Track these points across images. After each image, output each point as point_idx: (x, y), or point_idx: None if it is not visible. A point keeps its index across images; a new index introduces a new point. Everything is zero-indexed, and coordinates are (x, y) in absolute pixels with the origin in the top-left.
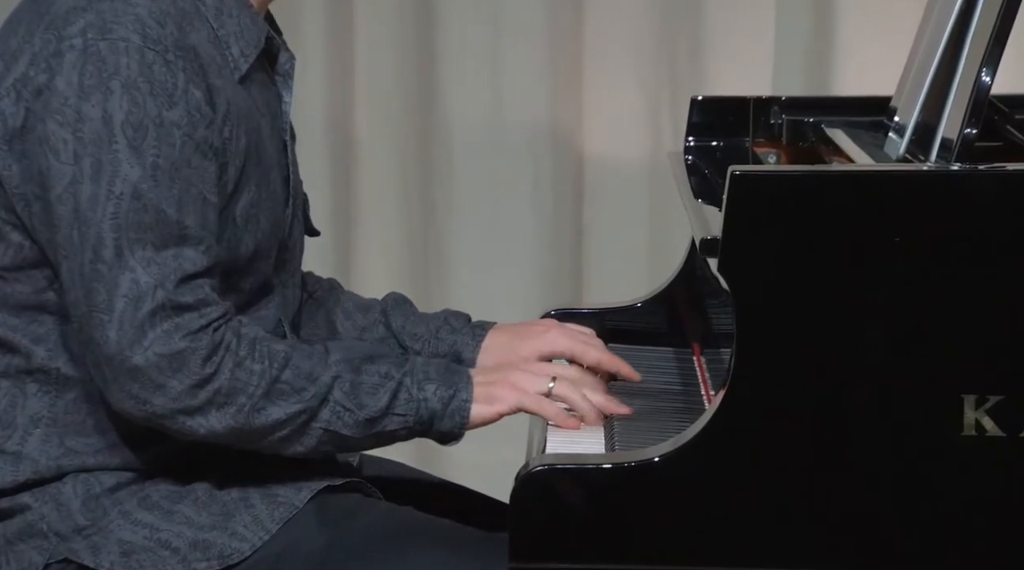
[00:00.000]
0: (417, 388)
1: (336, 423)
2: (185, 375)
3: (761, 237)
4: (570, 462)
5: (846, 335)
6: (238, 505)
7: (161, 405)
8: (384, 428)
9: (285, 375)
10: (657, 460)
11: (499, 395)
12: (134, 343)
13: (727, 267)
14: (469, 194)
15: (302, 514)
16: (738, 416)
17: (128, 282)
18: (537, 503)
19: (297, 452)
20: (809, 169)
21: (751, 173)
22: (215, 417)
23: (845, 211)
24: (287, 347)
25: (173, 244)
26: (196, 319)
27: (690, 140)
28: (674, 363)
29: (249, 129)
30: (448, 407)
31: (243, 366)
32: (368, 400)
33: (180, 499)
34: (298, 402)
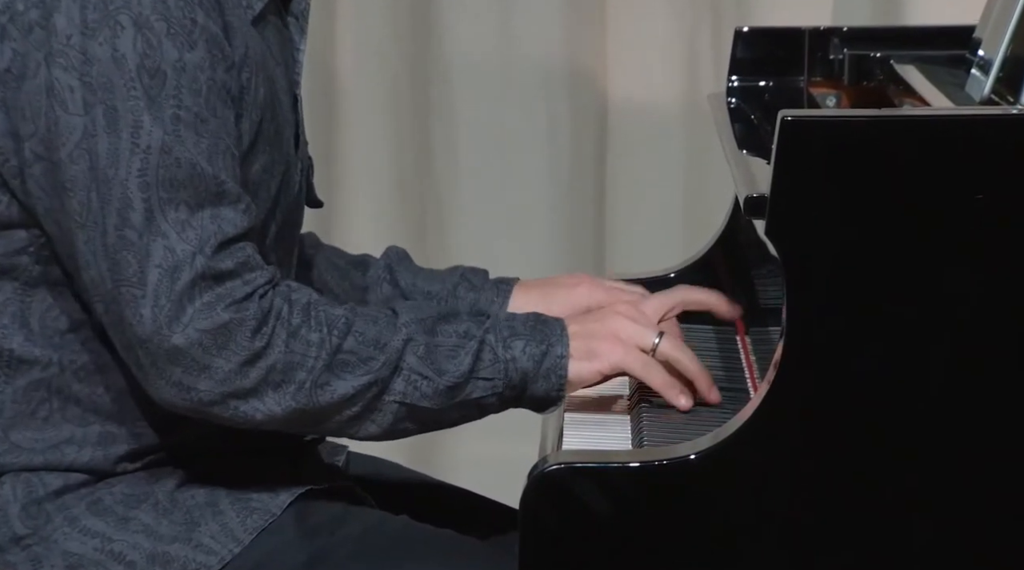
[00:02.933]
0: (503, 346)
1: (413, 394)
2: (233, 352)
3: (817, 195)
4: (591, 460)
5: (917, 312)
6: (204, 512)
7: (208, 390)
8: (469, 396)
9: (348, 343)
10: (693, 458)
11: (600, 349)
12: (173, 320)
13: (777, 230)
14: (473, 146)
15: (279, 523)
16: (789, 406)
17: (161, 250)
18: (552, 508)
19: (371, 433)
20: (875, 114)
21: (806, 119)
22: (272, 398)
23: (918, 164)
24: (347, 311)
25: (209, 204)
26: (240, 286)
27: (733, 80)
28: (714, 344)
29: (266, 79)
30: (542, 366)
31: (298, 336)
32: (447, 364)
33: (137, 504)
34: (366, 373)
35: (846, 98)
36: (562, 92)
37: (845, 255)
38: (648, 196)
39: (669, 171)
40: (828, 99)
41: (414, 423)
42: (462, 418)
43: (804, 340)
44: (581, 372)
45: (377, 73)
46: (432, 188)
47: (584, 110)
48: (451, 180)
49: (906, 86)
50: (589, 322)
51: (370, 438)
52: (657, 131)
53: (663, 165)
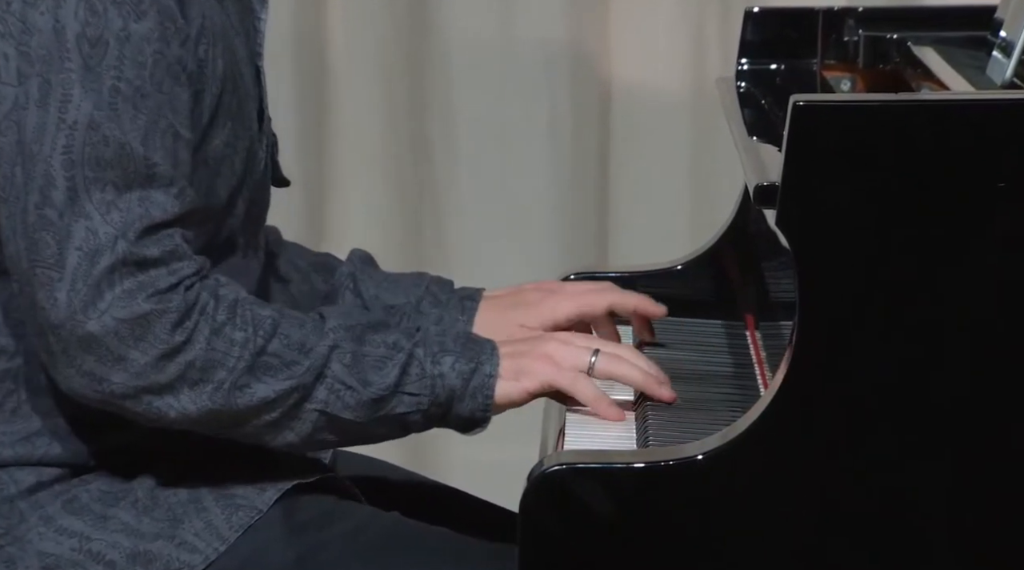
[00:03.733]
0: (432, 361)
1: (335, 404)
2: (150, 344)
3: (831, 183)
4: (594, 461)
5: (936, 306)
6: (187, 509)
7: (122, 383)
8: (393, 410)
9: (273, 345)
10: (701, 459)
11: (530, 368)
12: (88, 306)
13: (788, 220)
14: (470, 132)
15: (266, 520)
16: (801, 404)
17: (83, 231)
18: (553, 511)
19: (288, 442)
20: (891, 98)
21: (819, 103)
22: (188, 396)
23: (937, 151)
24: (274, 312)
25: (138, 185)
26: (164, 276)
27: (743, 63)
28: (723, 339)
29: (226, 50)
30: (469, 384)
31: (222, 334)
32: (373, 376)
33: (116, 501)
34: (288, 378)
35: (861, 82)
36: (563, 77)
37: (860, 246)
38: (653, 185)
39: (675, 159)
40: (842, 83)
41: (334, 434)
42: (384, 434)
43: (817, 335)
44: (509, 392)
45: (370, 59)
46: (428, 179)
47: (587, 96)
48: (448, 171)
49: (924, 69)
50: (521, 343)
51: (286, 447)
52: (663, 117)
53: (669, 153)
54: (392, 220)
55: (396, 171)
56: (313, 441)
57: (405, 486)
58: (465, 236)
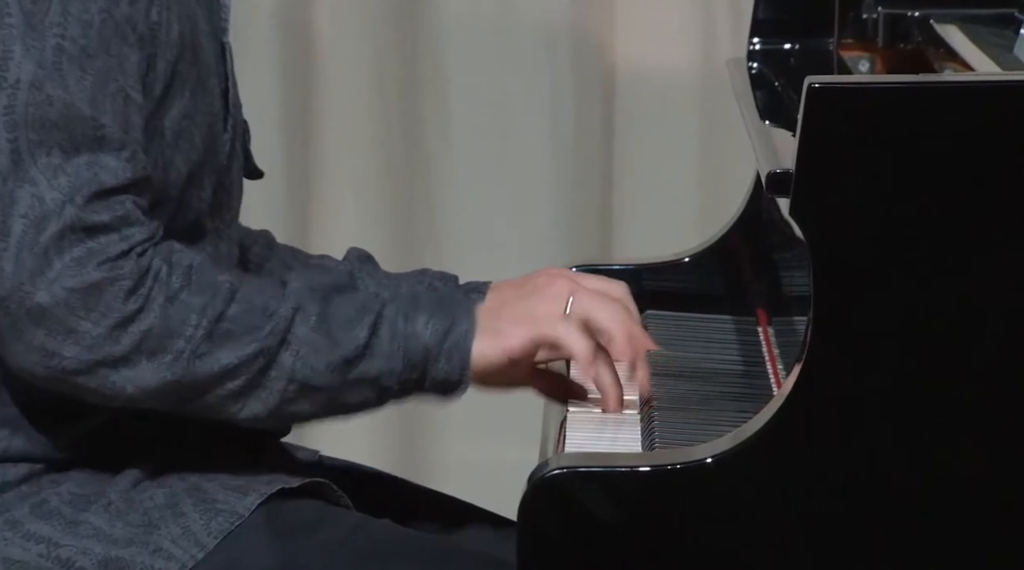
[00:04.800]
0: (404, 320)
1: (302, 369)
2: (103, 314)
3: (848, 170)
4: (597, 464)
5: (959, 299)
6: (164, 513)
7: (74, 356)
8: (365, 374)
9: (232, 310)
10: (710, 462)
11: (506, 327)
12: (36, 276)
13: (803, 209)
14: (467, 117)
15: (248, 526)
16: (816, 404)
17: (28, 198)
18: (554, 517)
19: (255, 414)
20: (912, 80)
21: (835, 86)
22: (147, 368)
23: (960, 136)
24: (233, 276)
25: (86, 149)
26: (115, 242)
27: (755, 43)
28: (732, 336)
29: (183, 16)
30: (444, 342)
31: (177, 300)
32: (341, 336)
33: (87, 505)
34: (251, 342)
35: (880, 62)
36: (565, 59)
37: (879, 237)
38: (660, 173)
39: (683, 145)
40: (860, 63)
41: (305, 403)
42: (360, 403)
43: (833, 331)
44: (486, 351)
45: (359, 39)
46: (421, 168)
47: (590, 79)
48: (442, 158)
49: (947, 49)
50: (500, 302)
51: (254, 420)
52: (670, 101)
53: (677, 139)
54: (382, 211)
55: (386, 160)
56: (283, 413)
57: (396, 492)
58: (461, 227)
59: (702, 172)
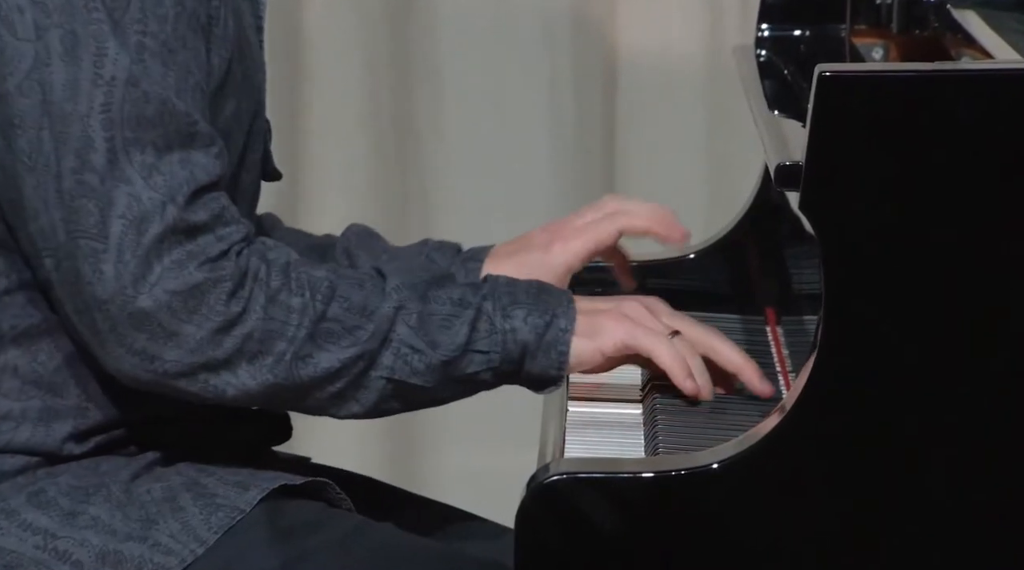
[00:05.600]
0: (502, 316)
1: (403, 369)
2: (205, 317)
3: (860, 163)
4: (598, 470)
5: (975, 296)
6: (163, 508)
7: (176, 360)
8: (463, 371)
9: (333, 310)
10: (716, 468)
11: (605, 327)
12: (138, 279)
13: (814, 203)
14: (462, 104)
15: (248, 522)
16: (827, 407)
17: (125, 197)
18: (554, 524)
19: (353, 412)
20: (928, 68)
21: (847, 74)
22: (247, 371)
23: (978, 127)
24: (330, 272)
25: (180, 146)
26: (214, 242)
27: (764, 28)
28: (740, 335)
29: (235, 11)
30: (543, 339)
31: (278, 301)
32: (441, 336)
33: (87, 497)
34: (353, 344)
35: (895, 50)
36: (564, 46)
37: (893, 232)
38: (664, 166)
39: (688, 137)
40: (874, 51)
41: (400, 402)
42: (452, 396)
43: (845, 331)
44: (582, 351)
45: (349, 27)
46: (414, 158)
47: (590, 67)
48: (436, 148)
49: (965, 35)
50: (599, 300)
51: (351, 417)
52: (674, 90)
53: (681, 130)
54: (372, 206)
55: (376, 152)
56: (378, 410)
57: (391, 501)
58: (455, 223)
59: (707, 165)
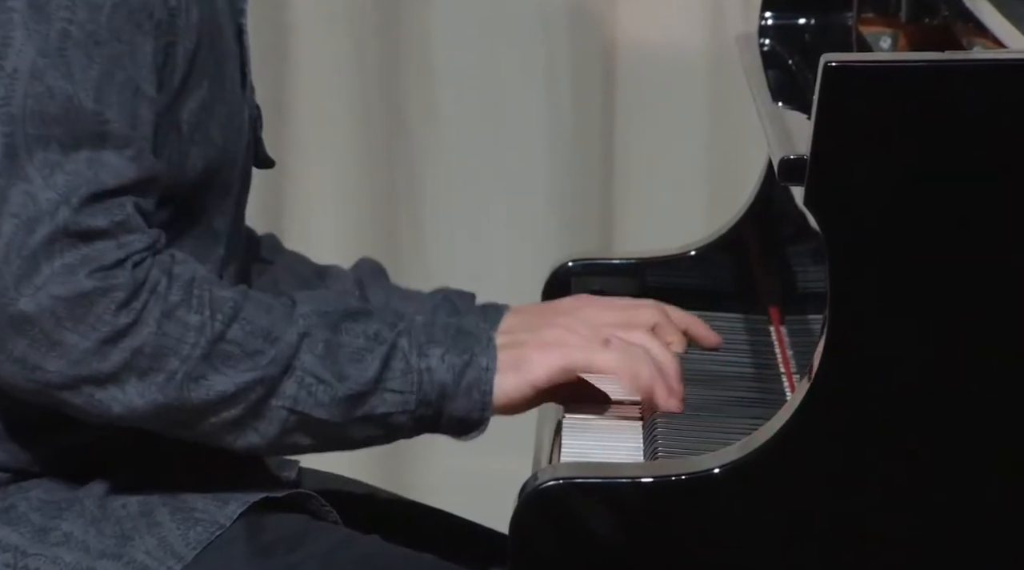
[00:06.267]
0: (418, 354)
1: (306, 401)
2: (91, 327)
3: (867, 156)
4: (595, 475)
5: (990, 298)
6: (138, 523)
7: (58, 371)
8: (374, 411)
9: (233, 331)
10: (718, 472)
11: (531, 357)
12: (21, 281)
13: (819, 198)
14: (455, 96)
15: (228, 537)
16: (833, 409)
17: (20, 196)
18: (549, 531)
19: (253, 445)
20: (938, 58)
21: (854, 65)
22: (135, 388)
23: (990, 119)
24: (237, 294)
25: (88, 145)
26: (112, 249)
27: (767, 17)
28: (743, 335)
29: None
30: (463, 379)
31: (174, 317)
32: (350, 369)
33: (59, 512)
34: (251, 369)
35: (903, 39)
36: (561, 34)
37: (901, 229)
38: (664, 159)
39: (689, 128)
40: (882, 40)
41: (306, 437)
42: (367, 439)
43: (851, 330)
44: (508, 389)
45: (337, 12)
46: (404, 150)
47: (588, 56)
48: (427, 141)
49: (976, 24)
50: (519, 332)
51: (251, 449)
52: (675, 80)
53: (682, 121)
54: (361, 201)
55: (366, 145)
56: (282, 444)
57: (382, 507)
58: (447, 220)
59: (709, 158)
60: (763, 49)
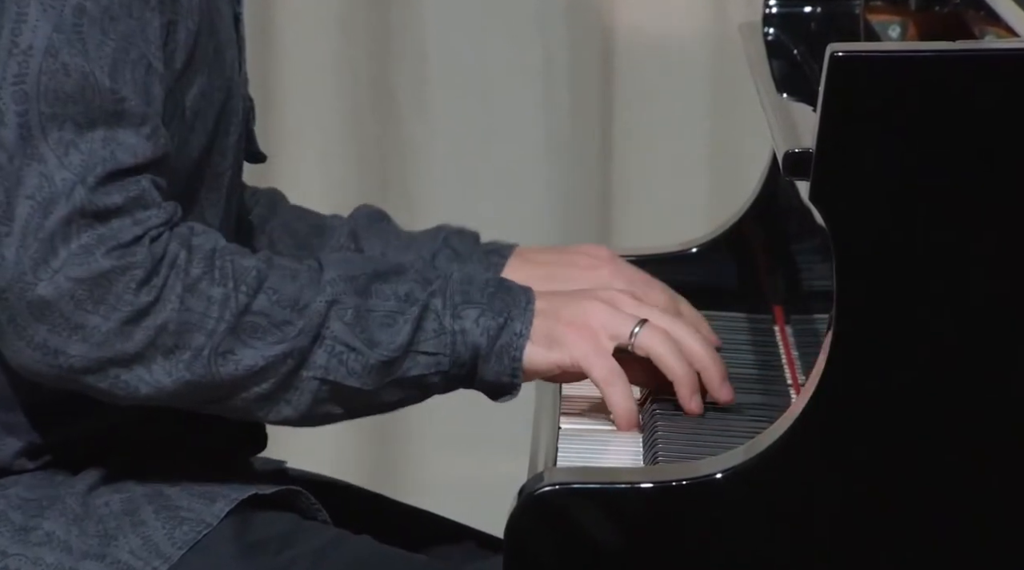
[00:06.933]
0: (452, 315)
1: (338, 370)
2: (112, 307)
3: (875, 150)
4: (593, 480)
5: (1001, 295)
6: (122, 522)
7: (81, 355)
8: (407, 373)
9: (259, 302)
10: (720, 477)
11: (565, 337)
12: (40, 264)
13: (825, 194)
14: (447, 89)
15: (215, 536)
16: (839, 412)
17: (36, 177)
18: (546, 538)
19: (285, 417)
20: (948, 48)
21: (862, 55)
22: (162, 367)
23: (1004, 111)
24: (261, 262)
25: (103, 123)
26: (128, 227)
27: (772, 5)
28: (746, 335)
29: None
30: (497, 342)
31: (197, 291)
32: (381, 334)
33: (40, 511)
34: (279, 341)
35: (913, 28)
36: (558, 22)
37: (909, 225)
38: (665, 152)
39: (691, 121)
40: (890, 29)
41: (339, 406)
42: (399, 401)
43: (858, 330)
44: (535, 360)
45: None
46: (395, 141)
47: (586, 45)
48: (420, 131)
49: (988, 12)
50: (561, 301)
51: (285, 422)
52: (676, 70)
53: (683, 113)
54: (350, 196)
55: (356, 132)
56: (314, 415)
57: (371, 510)
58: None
59: (712, 152)
60: (767, 38)
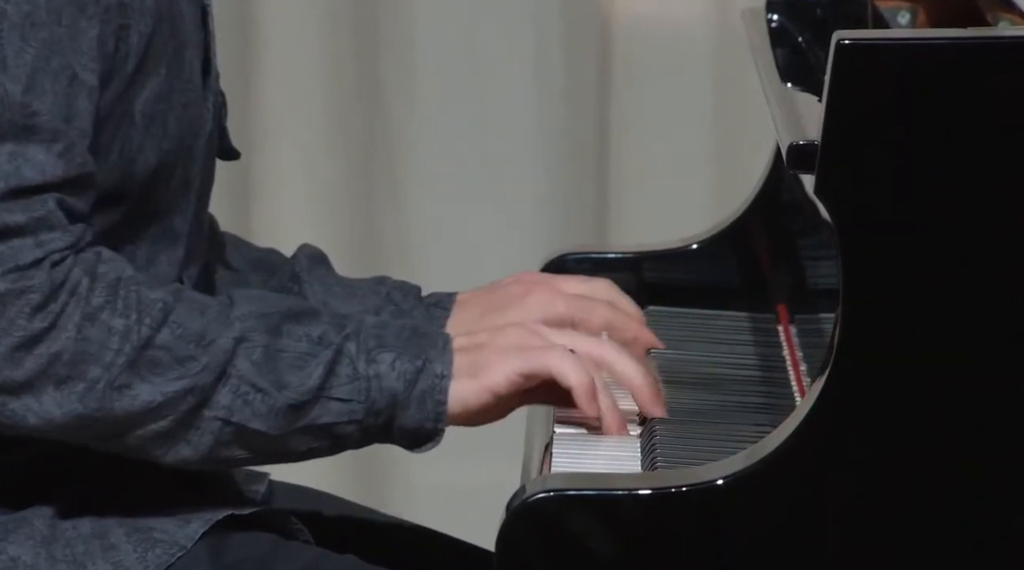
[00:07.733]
0: (366, 359)
1: (242, 411)
2: (4, 331)
3: (883, 142)
4: (589, 486)
5: (1013, 295)
6: (92, 546)
7: None
8: (316, 420)
9: (162, 336)
10: (721, 483)
11: (489, 361)
12: None
13: (830, 187)
14: (438, 74)
15: (190, 559)
16: (846, 415)
17: None
18: (539, 548)
19: (184, 458)
20: (960, 36)
21: (869, 42)
22: (52, 398)
23: (1015, 100)
24: (168, 294)
25: (12, 137)
26: (29, 248)
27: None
28: (748, 336)
29: None
30: (415, 387)
31: (97, 320)
32: (291, 376)
33: (6, 534)
34: (180, 377)
35: (923, 14)
36: (552, 7)
37: (919, 221)
38: (664, 144)
39: (691, 111)
40: (899, 15)
41: (243, 449)
42: (309, 451)
43: (865, 330)
44: (466, 396)
45: None
46: (382, 135)
47: (582, 31)
48: (407, 124)
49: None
50: (479, 332)
51: (183, 463)
52: (676, 59)
53: (683, 103)
54: (335, 187)
55: (340, 124)
56: (216, 458)
57: (357, 524)
58: (428, 209)
59: (713, 143)
60: (771, 25)
